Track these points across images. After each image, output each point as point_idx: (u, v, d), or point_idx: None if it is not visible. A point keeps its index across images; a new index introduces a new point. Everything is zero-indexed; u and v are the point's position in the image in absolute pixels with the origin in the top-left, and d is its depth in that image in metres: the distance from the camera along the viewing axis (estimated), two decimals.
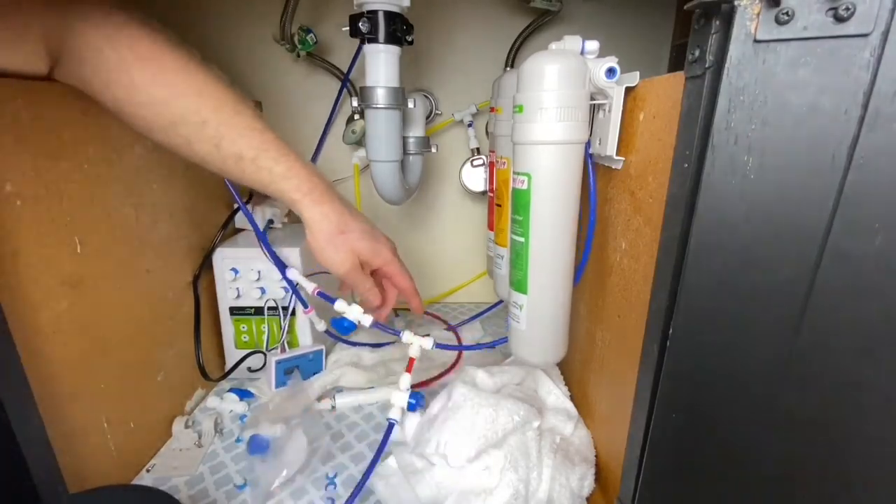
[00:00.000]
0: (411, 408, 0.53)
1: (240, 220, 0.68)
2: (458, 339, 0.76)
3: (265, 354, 0.65)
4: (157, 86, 0.39)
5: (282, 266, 0.57)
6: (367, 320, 0.51)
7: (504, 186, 0.55)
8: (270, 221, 0.66)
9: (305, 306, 0.61)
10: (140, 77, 0.38)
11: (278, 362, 0.61)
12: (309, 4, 0.73)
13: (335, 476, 0.51)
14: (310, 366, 0.64)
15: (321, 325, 0.63)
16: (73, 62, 0.38)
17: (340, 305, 0.52)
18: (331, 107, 0.78)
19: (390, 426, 0.50)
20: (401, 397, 0.51)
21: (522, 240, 0.42)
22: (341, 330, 0.53)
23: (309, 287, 0.54)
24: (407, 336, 0.53)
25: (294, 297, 0.62)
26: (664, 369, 0.32)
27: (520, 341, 0.47)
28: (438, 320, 0.84)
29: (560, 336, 0.46)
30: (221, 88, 0.41)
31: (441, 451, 0.46)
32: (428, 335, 0.53)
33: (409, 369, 0.52)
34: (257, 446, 0.53)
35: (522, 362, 0.49)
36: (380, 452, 0.48)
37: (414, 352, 0.52)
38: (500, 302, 0.76)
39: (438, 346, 0.53)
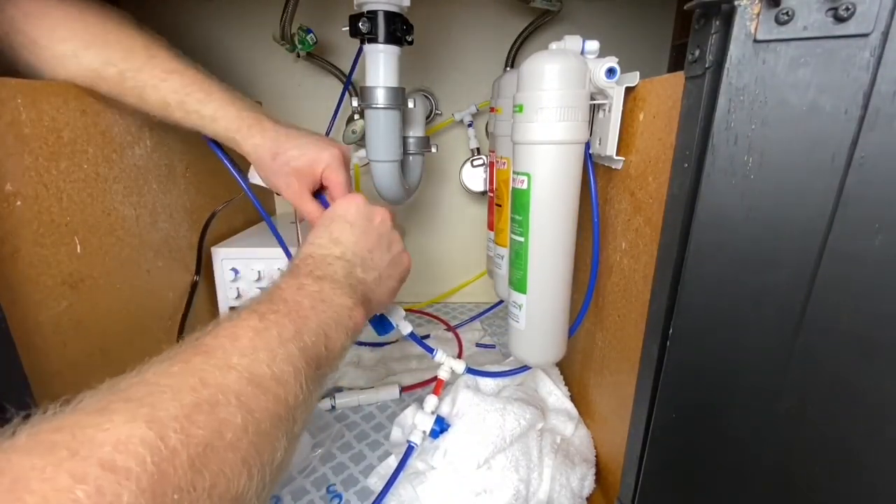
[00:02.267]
0: (434, 434, 0.49)
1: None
2: (458, 340, 0.76)
3: None
4: (59, 42, 0.38)
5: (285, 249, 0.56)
6: (406, 327, 0.49)
7: (504, 186, 0.55)
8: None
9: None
10: (39, 36, 0.37)
11: None
12: (309, 4, 0.73)
13: (334, 488, 0.51)
14: None
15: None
16: None
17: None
18: (330, 106, 0.78)
19: (410, 449, 0.47)
20: (425, 420, 0.48)
21: (522, 239, 0.42)
22: (378, 329, 0.50)
23: None
24: (440, 356, 0.50)
25: None
26: (664, 369, 0.32)
27: (519, 341, 0.47)
28: (438, 321, 0.84)
29: (559, 336, 0.46)
30: (127, 33, 0.39)
31: (449, 460, 0.46)
32: (462, 361, 0.51)
33: (436, 391, 0.50)
34: None
35: (521, 362, 0.48)
36: (397, 474, 0.46)
37: (444, 374, 0.50)
38: (500, 302, 0.76)
39: (470, 371, 0.51)
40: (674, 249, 0.30)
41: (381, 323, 0.49)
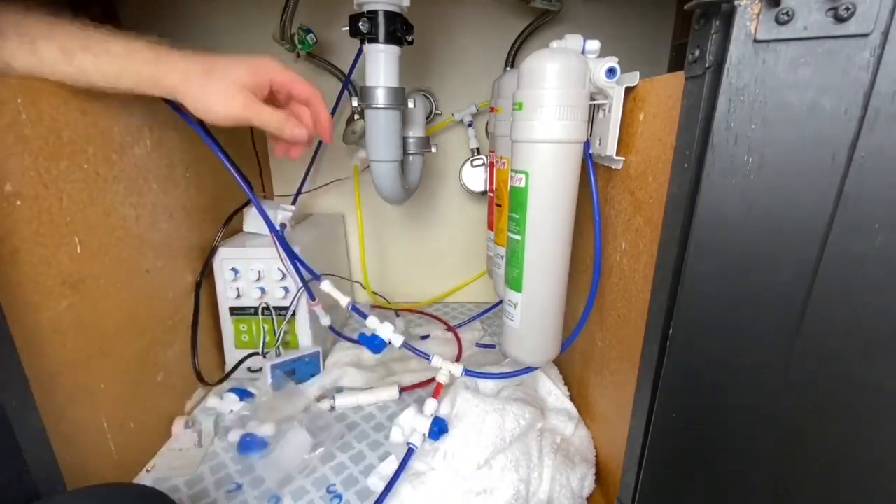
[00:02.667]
0: (433, 436, 0.49)
1: (247, 223, 0.68)
2: (458, 340, 0.76)
3: (263, 356, 0.64)
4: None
5: (306, 267, 0.57)
6: (397, 340, 0.50)
7: (504, 186, 0.55)
8: (283, 226, 0.66)
9: (312, 298, 0.61)
10: None
11: (273, 367, 0.61)
12: (309, 4, 0.73)
13: (334, 488, 0.51)
14: (307, 368, 0.64)
15: (326, 320, 0.63)
16: None
17: (372, 322, 0.50)
18: (331, 106, 0.78)
19: (410, 452, 0.47)
20: (424, 423, 0.48)
21: (519, 238, 0.42)
22: (371, 347, 0.51)
23: (343, 301, 0.53)
24: (436, 360, 0.50)
25: (294, 297, 0.62)
26: (664, 369, 0.32)
27: (513, 340, 0.47)
28: (438, 321, 0.84)
29: (553, 335, 0.46)
30: (34, 14, 0.37)
31: (449, 462, 0.46)
32: (458, 361, 0.52)
33: (436, 395, 0.50)
34: (248, 446, 0.53)
35: (515, 361, 0.48)
36: (397, 476, 0.46)
37: (443, 378, 0.50)
38: (500, 302, 0.76)
39: (468, 373, 0.51)
40: (674, 249, 0.30)
41: (372, 341, 0.50)
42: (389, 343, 0.50)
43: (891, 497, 0.31)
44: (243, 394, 0.62)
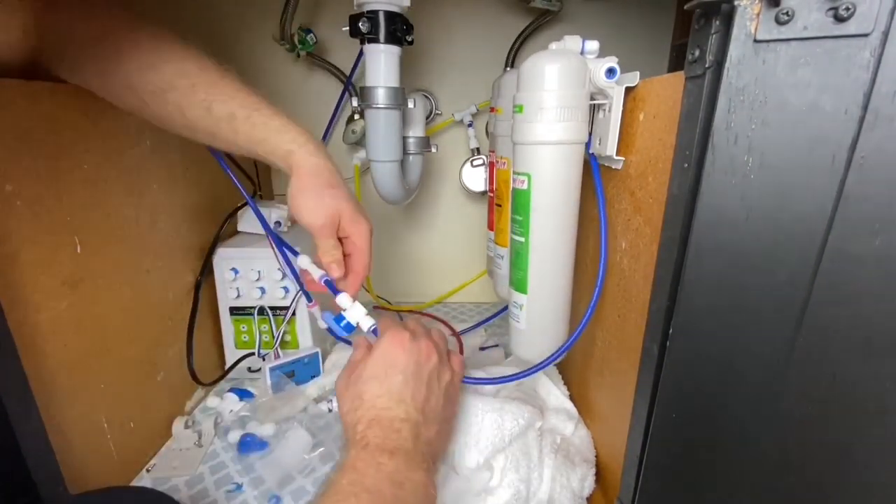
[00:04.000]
0: (348, 329, 0.46)
1: (243, 223, 0.68)
2: (460, 344, 0.75)
3: (262, 358, 0.64)
4: (143, 51, 0.40)
5: (291, 250, 0.55)
6: (367, 323, 0.46)
7: (504, 186, 0.55)
8: (277, 223, 0.66)
9: (310, 300, 0.61)
10: (126, 46, 0.39)
11: (272, 369, 0.61)
12: (309, 4, 0.73)
13: None
14: (306, 369, 0.64)
15: (323, 322, 0.63)
16: (57, 43, 0.39)
17: (343, 300, 0.46)
18: (331, 106, 0.78)
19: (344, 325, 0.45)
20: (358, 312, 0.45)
21: (522, 240, 0.42)
22: (337, 329, 0.47)
23: (316, 274, 0.49)
24: (351, 309, 0.46)
25: (294, 297, 0.62)
26: (664, 369, 0.32)
27: (519, 341, 0.47)
28: (441, 323, 0.83)
29: (560, 336, 0.46)
30: (203, 55, 0.42)
31: (448, 462, 0.46)
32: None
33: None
34: (247, 446, 0.54)
35: (523, 362, 0.48)
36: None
37: (345, 301, 0.46)
38: (506, 308, 0.76)
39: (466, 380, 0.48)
40: (674, 249, 0.30)
41: (339, 321, 0.47)
42: (357, 326, 0.46)
43: (892, 497, 0.31)
44: (243, 394, 0.62)
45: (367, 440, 0.36)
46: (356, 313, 0.46)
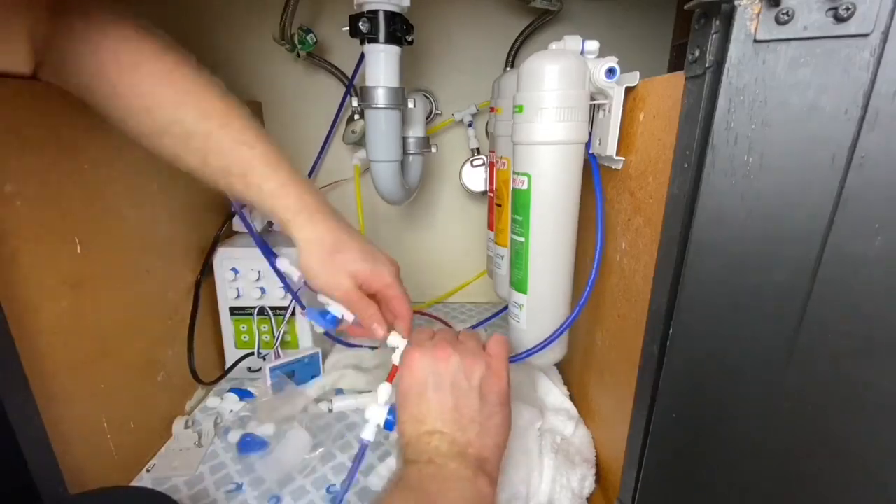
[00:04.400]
0: (388, 426, 0.43)
1: (238, 222, 0.68)
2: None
3: (263, 358, 0.64)
4: (137, 96, 0.37)
5: (272, 255, 0.54)
6: (350, 316, 0.45)
7: (504, 186, 0.55)
8: (269, 224, 0.66)
9: (303, 307, 0.61)
10: (120, 87, 0.37)
11: (272, 369, 0.61)
12: (309, 4, 0.73)
13: (334, 488, 0.51)
14: (306, 370, 0.64)
15: (319, 327, 0.63)
16: (57, 64, 0.37)
17: (324, 297, 0.45)
18: (331, 106, 0.78)
19: (363, 448, 0.42)
20: (378, 413, 0.43)
21: (522, 240, 0.42)
22: (322, 323, 0.46)
23: (295, 275, 0.49)
24: (393, 339, 0.43)
25: (294, 297, 0.62)
26: (664, 369, 0.32)
27: (520, 341, 0.47)
28: (441, 322, 0.83)
29: (560, 336, 0.46)
30: (208, 98, 0.39)
31: None
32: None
33: (390, 378, 0.43)
34: (247, 446, 0.54)
35: (524, 363, 0.48)
36: (353, 474, 0.43)
37: (397, 359, 0.43)
38: (505, 309, 0.76)
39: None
40: (674, 249, 0.30)
41: (323, 316, 0.46)
42: (342, 318, 0.45)
43: (891, 497, 0.31)
44: (243, 394, 0.62)
45: (406, 456, 0.36)
46: (338, 307, 0.44)
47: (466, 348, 0.40)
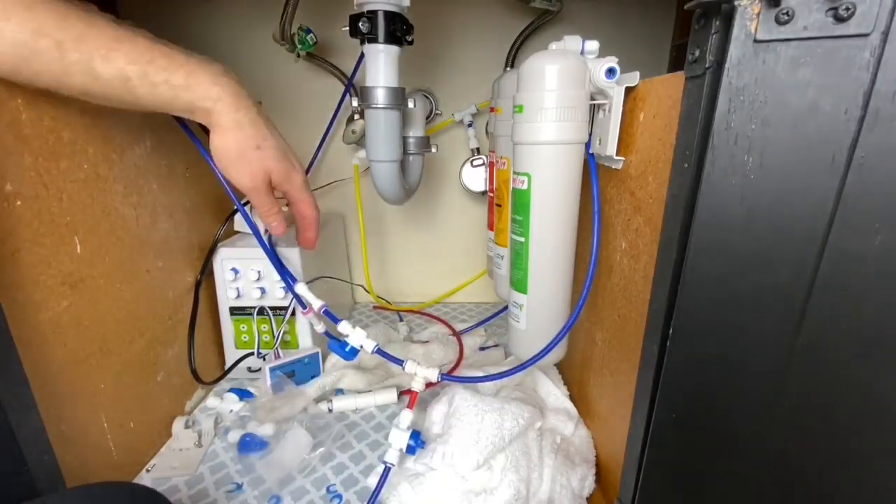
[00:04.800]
0: (411, 451, 0.47)
1: (240, 221, 0.68)
2: (461, 345, 0.75)
3: (263, 358, 0.64)
4: None
5: (273, 255, 0.55)
6: (370, 345, 0.48)
7: (504, 186, 0.55)
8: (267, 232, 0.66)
9: (304, 307, 0.61)
10: None
11: (272, 369, 0.61)
12: (309, 4, 0.73)
13: (334, 488, 0.51)
14: (306, 370, 0.64)
15: (320, 327, 0.63)
16: None
17: (345, 327, 0.49)
18: (331, 106, 0.78)
19: (386, 471, 0.45)
20: (400, 438, 0.46)
21: (522, 240, 0.42)
22: (342, 355, 0.50)
23: (316, 304, 0.52)
24: (410, 366, 0.47)
25: (294, 297, 0.62)
26: (664, 369, 0.32)
27: (520, 341, 0.47)
28: (441, 323, 0.83)
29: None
30: (55, 1, 0.32)
31: (448, 462, 0.46)
32: (435, 368, 0.49)
33: (410, 406, 0.47)
34: (247, 446, 0.53)
35: (522, 362, 0.48)
36: (376, 495, 0.45)
37: (417, 386, 0.47)
38: (505, 309, 0.75)
39: (445, 377, 0.48)
40: (674, 249, 0.30)
41: (342, 347, 0.49)
42: (361, 348, 0.49)
43: (892, 497, 0.31)
44: (243, 394, 0.62)
45: None
46: (358, 337, 0.48)
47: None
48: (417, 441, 0.48)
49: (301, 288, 0.54)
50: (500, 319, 0.81)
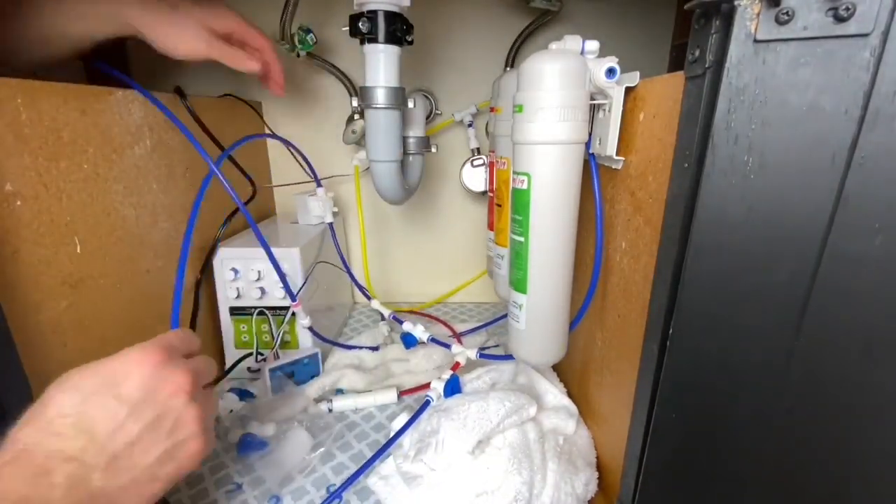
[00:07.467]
0: (447, 392, 0.55)
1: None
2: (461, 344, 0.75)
3: (262, 358, 0.64)
4: None
5: (292, 296, 0.59)
6: (425, 335, 0.63)
7: (504, 186, 0.55)
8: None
9: (294, 299, 0.61)
10: None
11: (272, 369, 0.61)
12: (309, 4, 0.73)
13: (334, 488, 0.51)
14: (306, 370, 0.64)
15: (306, 321, 0.63)
16: None
17: (408, 325, 0.64)
18: (331, 106, 0.78)
19: (426, 403, 0.53)
20: (439, 385, 0.55)
21: (522, 240, 0.42)
22: (407, 344, 0.67)
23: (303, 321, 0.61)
24: (456, 348, 0.62)
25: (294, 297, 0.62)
26: (664, 369, 0.32)
27: (519, 341, 0.47)
28: (441, 323, 0.83)
29: (560, 336, 0.46)
30: None
31: (439, 451, 0.46)
32: (455, 368, 0.58)
33: (454, 368, 0.58)
34: (247, 446, 0.53)
35: (522, 362, 0.48)
36: (409, 424, 0.51)
37: (461, 358, 0.60)
38: (504, 316, 0.75)
39: (482, 355, 0.60)
40: (674, 249, 0.30)
41: (409, 338, 0.59)
42: (419, 340, 0.64)
43: (892, 497, 0.31)
44: (243, 394, 0.62)
45: (3, 470, 0.26)
46: (418, 332, 0.63)
47: (194, 393, 0.33)
48: (455, 387, 0.55)
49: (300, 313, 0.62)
50: (499, 325, 0.81)
